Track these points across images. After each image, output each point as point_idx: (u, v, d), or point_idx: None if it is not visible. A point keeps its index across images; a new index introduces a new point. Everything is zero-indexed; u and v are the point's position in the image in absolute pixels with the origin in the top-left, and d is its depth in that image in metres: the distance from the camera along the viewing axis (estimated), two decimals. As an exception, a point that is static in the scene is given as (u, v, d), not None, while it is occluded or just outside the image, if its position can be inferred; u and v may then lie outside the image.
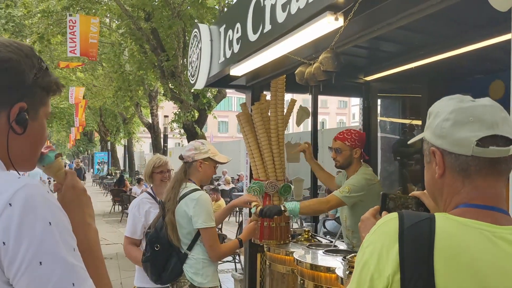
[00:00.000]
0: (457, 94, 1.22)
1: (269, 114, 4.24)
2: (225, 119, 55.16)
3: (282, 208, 3.45)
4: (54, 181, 1.45)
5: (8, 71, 1.14)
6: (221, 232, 7.26)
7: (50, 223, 1.04)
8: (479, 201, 1.18)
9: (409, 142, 1.48)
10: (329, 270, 3.29)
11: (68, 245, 1.07)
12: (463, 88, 4.94)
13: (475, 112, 1.16)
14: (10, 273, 0.99)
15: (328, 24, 2.45)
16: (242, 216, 13.61)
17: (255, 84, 4.46)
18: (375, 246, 1.16)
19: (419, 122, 5.45)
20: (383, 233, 1.17)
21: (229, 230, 11.11)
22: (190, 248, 3.04)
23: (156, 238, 3.08)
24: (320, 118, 5.54)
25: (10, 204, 1.01)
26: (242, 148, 20.35)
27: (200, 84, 4.23)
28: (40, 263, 1.00)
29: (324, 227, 8.03)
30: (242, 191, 15.39)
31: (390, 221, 1.18)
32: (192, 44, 4.50)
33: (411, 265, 1.09)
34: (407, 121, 5.43)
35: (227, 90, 12.95)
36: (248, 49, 3.29)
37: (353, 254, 3.06)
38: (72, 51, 13.01)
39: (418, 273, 1.08)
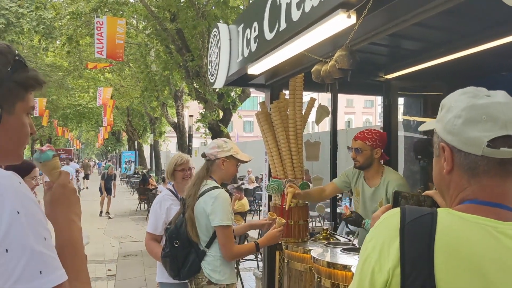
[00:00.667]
0: (471, 87, 1.20)
1: (287, 112, 4.25)
2: (251, 118, 55.22)
3: (363, 222, 3.46)
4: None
5: None
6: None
7: (18, 212, 1.06)
8: (484, 198, 1.17)
9: (419, 129, 1.47)
10: (346, 268, 3.29)
11: (38, 234, 1.08)
12: (486, 86, 4.84)
13: (489, 110, 1.14)
14: None
15: (341, 21, 2.45)
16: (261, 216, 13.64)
17: (273, 83, 4.47)
18: (377, 240, 1.17)
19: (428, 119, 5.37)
20: (385, 228, 1.18)
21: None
22: (208, 245, 3.07)
23: (175, 234, 3.12)
24: (346, 117, 5.51)
25: None
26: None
27: (219, 83, 4.27)
28: (6, 250, 1.02)
29: (347, 226, 7.95)
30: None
31: (392, 216, 1.19)
32: (211, 43, 4.54)
33: (411, 260, 1.09)
34: (428, 119, 5.36)
35: (252, 90, 13.00)
36: (264, 48, 3.32)
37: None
38: (99, 52, 13.25)
39: (419, 268, 1.08)
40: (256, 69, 3.67)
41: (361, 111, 63.03)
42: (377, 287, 1.13)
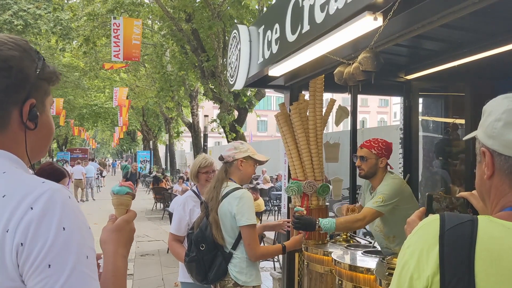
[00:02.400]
0: None
1: (307, 114, 4.23)
2: (264, 118, 55.22)
3: (317, 224, 3.33)
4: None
5: (12, 69, 1.14)
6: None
7: (64, 228, 1.05)
8: None
9: (464, 139, 1.45)
10: (369, 271, 3.27)
11: (80, 252, 1.07)
12: (510, 87, 4.79)
13: None
14: (23, 272, 1.02)
15: (367, 24, 2.43)
16: (280, 215, 13.64)
17: (293, 84, 4.46)
18: (415, 247, 1.15)
19: (462, 121, 5.32)
20: (424, 235, 1.16)
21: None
22: (234, 247, 3.07)
23: (201, 238, 3.10)
24: (360, 116, 5.42)
25: (31, 208, 1.04)
26: (281, 148, 20.28)
27: (239, 85, 4.27)
28: (49, 265, 1.02)
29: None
30: (281, 190, 15.39)
31: (431, 223, 1.17)
32: (231, 45, 4.54)
33: (451, 268, 1.08)
34: (449, 120, 5.31)
35: (266, 90, 13.01)
36: (286, 50, 3.30)
37: (392, 255, 3.03)
38: (116, 56, 13.35)
39: (458, 276, 1.06)
40: (277, 71, 3.66)
41: (375, 111, 62.65)
42: None
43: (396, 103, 61.05)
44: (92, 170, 22.02)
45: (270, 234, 7.58)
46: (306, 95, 4.38)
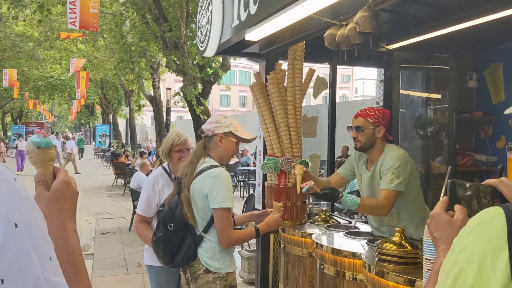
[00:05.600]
0: None
1: (285, 84, 3.91)
2: (227, 92, 54.62)
3: (339, 198, 3.04)
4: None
5: None
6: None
7: (16, 224, 0.72)
8: None
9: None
10: (354, 255, 3.02)
11: (43, 253, 0.76)
12: (494, 58, 4.59)
13: None
14: None
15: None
16: (246, 191, 13.39)
17: (269, 52, 4.10)
18: (472, 251, 0.87)
19: (438, 96, 5.11)
20: (485, 234, 0.88)
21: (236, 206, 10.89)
22: (206, 230, 2.77)
23: (170, 216, 2.82)
24: (323, 92, 5.19)
25: None
26: (246, 122, 20.09)
27: (210, 51, 3.87)
28: (2, 281, 0.69)
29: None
30: (248, 166, 15.15)
31: (492, 218, 0.89)
32: (201, 6, 4.13)
33: None
34: (432, 95, 5.08)
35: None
36: (268, 10, 2.92)
37: (384, 240, 2.77)
38: (72, 23, 12.64)
39: None
40: (256, 34, 3.28)
41: (337, 86, 62.94)
42: None
43: (357, 78, 61.53)
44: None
45: (237, 211, 7.30)
46: (283, 64, 4.05)
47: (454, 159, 4.34)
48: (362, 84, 61.83)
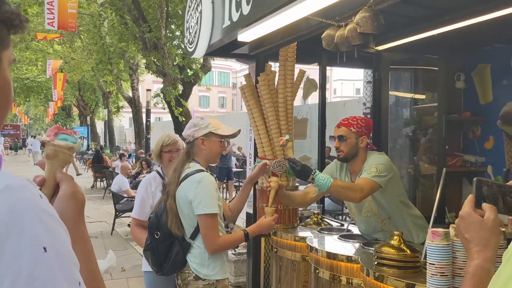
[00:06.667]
0: None
1: (276, 86, 3.85)
2: (207, 93, 54.36)
3: (312, 176, 2.87)
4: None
5: None
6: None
7: (45, 248, 0.66)
8: None
9: None
10: (351, 259, 2.97)
11: (72, 279, 0.70)
12: (483, 59, 4.61)
13: None
14: None
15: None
16: (228, 193, 13.29)
17: (259, 53, 4.03)
18: None
19: (423, 96, 5.12)
20: None
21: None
22: (193, 236, 2.70)
23: (156, 224, 2.78)
24: (300, 93, 5.15)
25: None
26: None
27: (200, 52, 3.79)
28: None
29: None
30: (226, 166, 15.04)
31: None
32: (189, 7, 4.05)
33: None
34: (420, 96, 5.07)
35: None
36: (262, 10, 2.85)
37: (382, 243, 2.73)
38: (50, 24, 12.43)
39: None
40: (248, 35, 3.21)
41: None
42: None
43: (336, 79, 61.89)
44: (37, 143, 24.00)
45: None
46: (273, 66, 4.00)
47: (444, 160, 4.34)
48: (340, 84, 62.26)
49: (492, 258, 1.06)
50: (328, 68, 4.75)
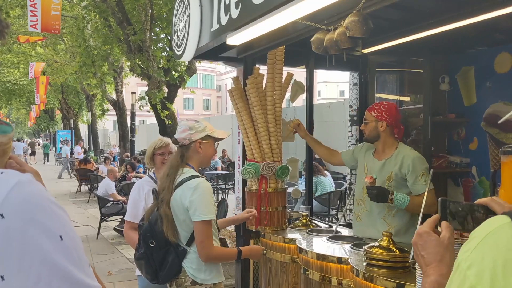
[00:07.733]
0: None
1: (264, 89, 3.87)
2: (191, 96, 54.18)
3: (390, 197, 3.15)
4: None
5: None
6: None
7: (61, 237, 0.73)
8: None
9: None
10: (341, 260, 3.00)
11: (84, 261, 0.79)
12: (466, 62, 4.68)
13: None
14: None
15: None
16: (217, 195, 13.27)
17: (247, 56, 4.05)
18: (482, 265, 0.82)
19: (407, 98, 5.18)
20: (493, 247, 0.83)
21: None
22: (190, 242, 2.69)
23: (150, 233, 2.73)
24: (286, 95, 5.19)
25: (1, 216, 0.67)
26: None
27: (188, 56, 3.79)
28: None
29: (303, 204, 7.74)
30: (215, 170, 15.06)
31: (500, 229, 0.85)
32: (177, 10, 4.05)
33: None
34: (405, 98, 5.13)
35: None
36: (250, 14, 2.87)
37: (371, 244, 2.76)
38: (33, 26, 12.31)
39: None
40: (237, 39, 3.22)
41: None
42: None
43: (320, 81, 62.08)
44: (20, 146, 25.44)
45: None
46: (261, 69, 4.02)
47: (430, 161, 4.39)
48: (324, 87, 62.48)
49: (448, 274, 1.04)
50: (316, 70, 4.79)
